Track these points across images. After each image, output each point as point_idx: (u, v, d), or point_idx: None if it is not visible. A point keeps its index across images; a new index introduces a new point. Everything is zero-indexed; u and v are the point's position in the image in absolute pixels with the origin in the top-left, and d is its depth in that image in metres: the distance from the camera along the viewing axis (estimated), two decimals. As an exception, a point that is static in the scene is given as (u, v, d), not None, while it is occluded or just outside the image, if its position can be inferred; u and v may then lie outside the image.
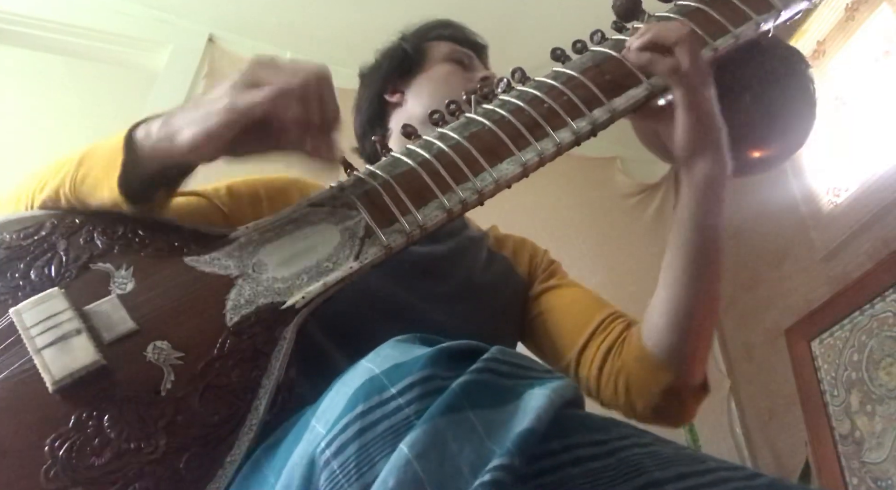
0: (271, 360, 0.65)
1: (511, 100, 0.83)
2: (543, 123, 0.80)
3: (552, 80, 0.85)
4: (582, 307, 0.95)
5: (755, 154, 0.94)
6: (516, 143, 0.79)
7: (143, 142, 0.67)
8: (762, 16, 0.89)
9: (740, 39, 0.87)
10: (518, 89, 0.85)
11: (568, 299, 0.97)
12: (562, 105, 0.82)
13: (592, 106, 0.82)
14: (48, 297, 0.63)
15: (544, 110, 0.82)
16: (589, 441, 0.44)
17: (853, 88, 2.12)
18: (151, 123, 0.68)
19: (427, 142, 0.80)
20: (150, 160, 0.67)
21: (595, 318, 0.92)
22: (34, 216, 0.72)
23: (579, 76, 0.84)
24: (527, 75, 0.87)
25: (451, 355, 0.49)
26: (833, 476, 1.88)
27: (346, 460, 0.44)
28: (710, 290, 0.82)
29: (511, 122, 0.81)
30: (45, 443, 0.56)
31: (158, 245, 0.70)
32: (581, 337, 0.92)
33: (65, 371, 0.58)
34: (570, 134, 0.80)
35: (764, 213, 2.38)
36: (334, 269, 0.70)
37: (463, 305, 0.91)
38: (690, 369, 0.83)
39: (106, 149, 0.69)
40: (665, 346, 0.82)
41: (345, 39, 2.34)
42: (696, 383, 0.84)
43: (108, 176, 0.68)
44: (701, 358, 0.84)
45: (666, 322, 0.82)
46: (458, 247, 0.98)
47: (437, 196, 0.75)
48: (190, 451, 0.58)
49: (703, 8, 0.88)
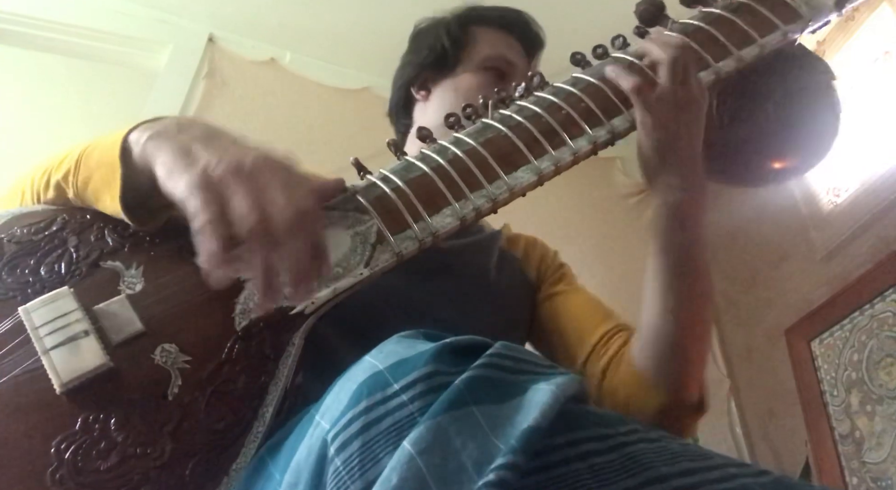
0: (279, 365, 0.64)
1: (528, 106, 0.81)
2: (560, 131, 0.78)
3: (570, 86, 0.82)
4: (585, 319, 0.94)
5: (775, 165, 0.92)
6: (532, 150, 0.77)
7: (133, 148, 0.65)
8: (789, 26, 0.86)
9: (766, 48, 0.85)
10: (536, 95, 0.83)
11: (573, 309, 0.96)
12: (580, 113, 0.80)
13: (611, 115, 0.80)
14: (58, 297, 0.63)
15: (562, 117, 0.79)
16: (594, 436, 0.44)
17: (853, 88, 2.12)
18: (143, 132, 0.64)
19: (442, 146, 0.78)
20: (140, 173, 0.65)
21: (596, 333, 0.91)
22: (44, 211, 0.71)
23: (598, 83, 0.82)
24: (545, 80, 0.84)
25: (455, 351, 0.49)
26: (833, 476, 1.88)
27: (349, 457, 0.44)
28: (694, 314, 0.80)
29: (528, 128, 0.79)
30: (51, 445, 0.56)
31: (170, 245, 0.70)
32: (583, 351, 0.91)
33: (73, 373, 0.58)
34: (587, 143, 0.78)
35: (764, 213, 2.38)
36: (345, 274, 0.69)
37: (475, 304, 0.91)
38: (683, 390, 0.81)
39: (104, 153, 0.67)
40: (654, 369, 0.81)
41: (345, 39, 2.34)
42: (691, 402, 0.83)
43: (108, 188, 0.66)
44: (694, 378, 0.82)
45: (652, 345, 0.81)
46: (471, 245, 0.97)
47: (451, 203, 0.74)
48: (196, 458, 0.58)
49: (728, 16, 0.86)
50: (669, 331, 0.79)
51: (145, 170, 0.63)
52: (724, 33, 0.84)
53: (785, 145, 0.90)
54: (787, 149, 0.90)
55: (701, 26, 0.85)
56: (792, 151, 0.91)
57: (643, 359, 0.82)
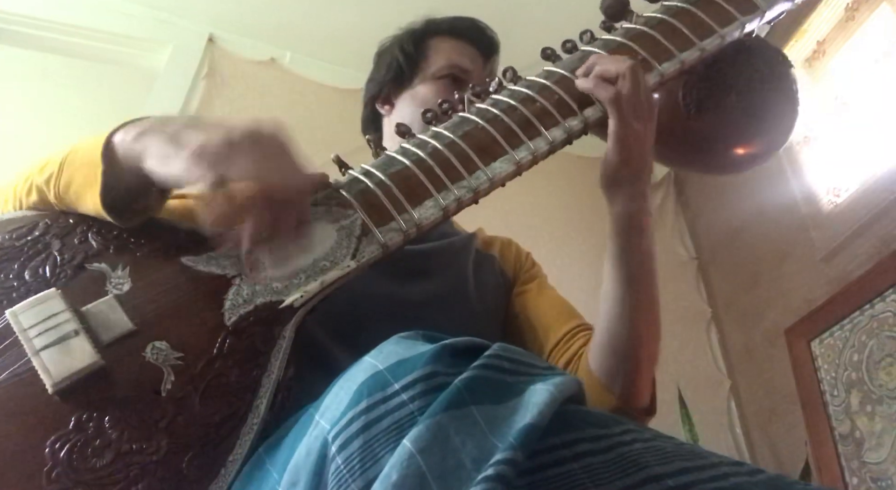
0: (271, 358, 0.65)
1: (503, 99, 0.84)
2: (536, 122, 0.81)
3: (544, 79, 0.86)
4: (549, 318, 0.97)
5: (739, 151, 0.96)
6: (510, 141, 0.80)
7: (118, 148, 0.66)
8: (747, 16, 0.91)
9: (726, 39, 0.90)
10: (510, 88, 0.86)
11: (539, 307, 0.99)
12: (553, 104, 0.83)
13: (584, 105, 0.83)
14: (46, 298, 0.63)
15: (536, 109, 0.83)
16: (590, 436, 0.44)
17: (853, 88, 2.12)
18: (129, 131, 0.66)
19: (421, 140, 0.80)
20: (125, 171, 0.66)
21: (559, 331, 0.93)
22: (26, 216, 0.71)
23: (570, 75, 0.85)
24: (518, 75, 0.88)
25: (454, 352, 0.50)
26: (833, 476, 1.88)
27: (350, 455, 0.45)
28: (645, 320, 0.83)
29: (504, 120, 0.81)
30: (45, 444, 0.56)
31: (155, 245, 0.70)
32: (547, 346, 0.93)
33: (64, 373, 0.59)
34: (562, 132, 0.82)
35: (764, 213, 2.38)
36: (332, 268, 0.70)
37: (457, 304, 0.92)
38: (633, 393, 0.83)
39: (86, 154, 0.68)
40: (606, 371, 0.83)
41: (345, 39, 2.34)
42: (641, 406, 0.85)
43: (90, 187, 0.66)
44: (644, 382, 0.84)
45: (604, 348, 0.83)
46: (449, 246, 0.99)
47: (433, 194, 0.75)
48: (192, 451, 0.58)
49: (690, 8, 0.90)
50: (625, 335, 0.82)
51: (132, 167, 0.64)
52: (685, 25, 0.89)
53: (749, 133, 0.94)
54: (752, 136, 0.95)
55: (664, 19, 0.90)
56: (756, 138, 0.95)
57: (597, 362, 0.84)
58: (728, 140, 0.94)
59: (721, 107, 0.90)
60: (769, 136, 0.96)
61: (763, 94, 0.92)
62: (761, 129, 0.94)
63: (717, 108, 0.90)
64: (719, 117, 0.90)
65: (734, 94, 0.91)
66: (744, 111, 0.91)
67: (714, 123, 0.87)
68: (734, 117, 0.91)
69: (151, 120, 0.67)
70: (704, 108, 0.90)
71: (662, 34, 0.89)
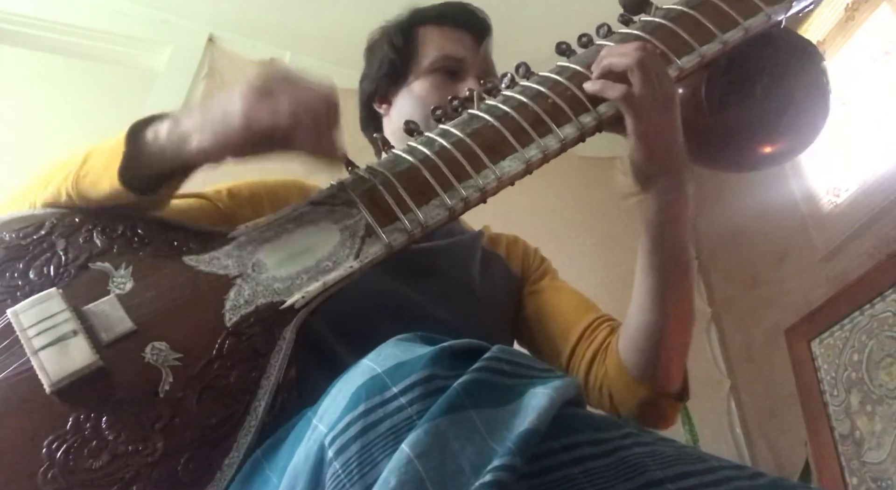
0: (270, 360, 0.64)
1: (514, 95, 0.81)
2: (547, 120, 0.79)
3: (556, 74, 0.83)
4: (569, 312, 0.96)
5: (766, 149, 0.91)
6: (519, 139, 0.78)
7: (152, 143, 0.68)
8: (773, 6, 0.86)
9: (750, 31, 0.85)
10: (522, 84, 0.83)
11: (557, 303, 0.98)
12: (566, 101, 0.80)
13: (597, 101, 0.80)
14: (46, 298, 0.63)
15: (548, 106, 0.80)
16: (590, 440, 0.44)
17: (853, 88, 2.12)
18: (160, 125, 0.69)
19: (429, 138, 0.79)
20: (157, 160, 0.68)
21: (581, 324, 0.93)
22: (33, 215, 0.71)
23: (584, 71, 0.82)
24: (531, 70, 0.85)
25: (453, 354, 0.49)
26: (833, 476, 1.88)
27: (348, 459, 0.44)
28: (680, 311, 0.82)
29: (514, 118, 0.79)
30: (42, 444, 0.56)
31: (158, 244, 0.70)
32: (568, 343, 0.92)
33: (62, 373, 0.58)
34: (574, 129, 0.79)
35: (764, 213, 2.38)
36: (334, 268, 0.69)
37: (463, 303, 0.91)
38: (666, 382, 0.83)
39: (108, 146, 0.70)
40: (639, 364, 0.83)
41: (345, 39, 2.33)
42: (673, 391, 0.84)
43: (109, 169, 0.68)
44: (677, 370, 0.84)
45: (638, 341, 0.83)
46: (456, 245, 0.98)
47: (439, 194, 0.74)
48: (188, 454, 0.58)
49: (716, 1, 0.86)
50: (659, 325, 0.81)
51: (165, 149, 0.68)
52: (707, 17, 0.85)
53: (776, 129, 0.88)
54: (779, 132, 0.89)
55: (684, 11, 0.86)
56: (783, 134, 0.90)
57: (630, 353, 0.83)
58: (754, 137, 0.89)
59: (745, 102, 0.85)
60: (796, 133, 0.90)
61: (790, 88, 0.87)
62: (788, 126, 0.88)
63: (741, 103, 0.85)
64: (743, 113, 0.85)
65: (760, 88, 0.86)
66: (771, 106, 0.86)
67: (739, 119, 0.83)
68: (760, 113, 0.86)
69: (178, 112, 0.70)
70: (728, 105, 0.86)
71: (682, 27, 0.84)
